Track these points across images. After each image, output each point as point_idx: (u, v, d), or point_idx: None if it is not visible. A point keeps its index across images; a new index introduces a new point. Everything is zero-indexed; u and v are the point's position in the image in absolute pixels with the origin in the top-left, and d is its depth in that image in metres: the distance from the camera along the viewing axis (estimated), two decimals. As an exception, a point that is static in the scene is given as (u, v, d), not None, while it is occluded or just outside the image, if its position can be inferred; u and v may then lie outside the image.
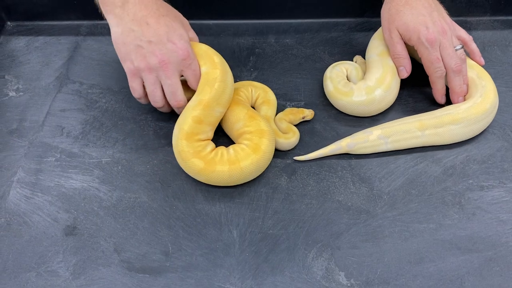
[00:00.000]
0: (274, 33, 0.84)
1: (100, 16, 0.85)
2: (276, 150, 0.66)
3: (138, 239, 0.59)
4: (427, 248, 0.57)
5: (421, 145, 0.66)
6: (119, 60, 0.79)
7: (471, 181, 0.64)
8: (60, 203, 0.62)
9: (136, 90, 0.64)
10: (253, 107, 0.70)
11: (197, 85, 0.63)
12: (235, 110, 0.65)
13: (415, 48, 0.67)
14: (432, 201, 0.62)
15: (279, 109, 0.71)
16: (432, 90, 0.70)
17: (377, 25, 0.85)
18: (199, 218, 0.60)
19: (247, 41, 0.83)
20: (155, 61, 0.60)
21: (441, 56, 0.66)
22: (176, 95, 0.62)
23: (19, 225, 0.60)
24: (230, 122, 0.65)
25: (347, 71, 0.74)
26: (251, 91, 0.70)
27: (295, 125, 0.69)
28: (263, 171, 0.64)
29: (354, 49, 0.81)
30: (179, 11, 0.67)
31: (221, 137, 0.68)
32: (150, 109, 0.72)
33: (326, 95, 0.72)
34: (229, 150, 0.62)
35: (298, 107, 0.71)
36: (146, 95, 0.65)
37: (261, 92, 0.70)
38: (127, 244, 0.58)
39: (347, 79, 0.73)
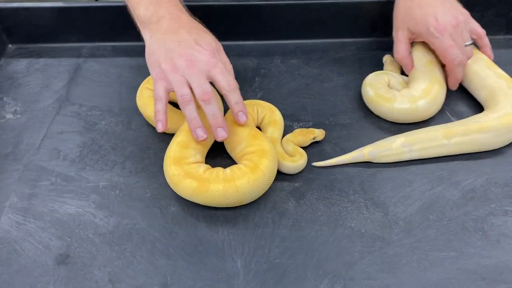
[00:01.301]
0: (280, 53, 0.82)
1: (102, 38, 0.85)
2: (284, 173, 0.62)
3: (134, 268, 0.54)
4: (448, 278, 0.53)
5: (447, 154, 0.64)
6: (121, 82, 0.78)
7: (493, 205, 0.59)
8: (53, 230, 0.58)
9: (158, 91, 0.61)
10: (258, 128, 0.67)
11: (227, 83, 0.60)
12: (238, 130, 0.61)
13: (427, 41, 0.68)
14: (452, 227, 0.57)
15: (286, 130, 0.68)
16: (449, 78, 0.70)
17: (387, 44, 0.83)
18: (201, 246, 0.56)
19: (252, 62, 0.80)
20: (181, 61, 0.59)
21: None
22: (203, 87, 0.59)
23: (9, 253, 0.56)
24: (233, 143, 0.62)
25: (389, 82, 0.72)
26: (257, 110, 0.67)
27: (305, 147, 0.65)
28: (269, 195, 0.60)
29: (365, 69, 0.78)
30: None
31: (225, 159, 0.65)
32: (152, 131, 0.69)
33: (365, 101, 0.71)
34: (226, 170, 0.59)
35: (306, 127, 0.68)
36: (166, 98, 0.61)
37: (267, 112, 0.67)
38: (122, 274, 0.54)
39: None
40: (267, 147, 0.59)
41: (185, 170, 0.58)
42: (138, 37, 0.83)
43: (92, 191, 0.62)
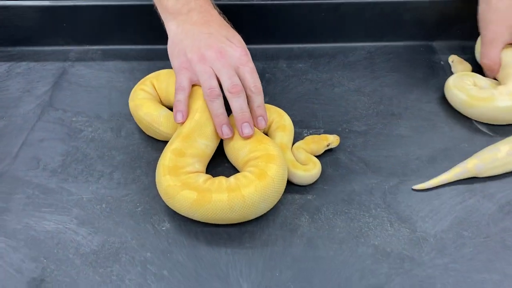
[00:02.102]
0: (285, 58, 0.76)
1: (91, 41, 0.78)
2: (295, 184, 0.55)
3: (122, 295, 0.46)
4: (492, 305, 0.45)
5: None
6: (111, 86, 0.71)
7: (534, 220, 0.52)
8: (27, 250, 0.50)
9: (181, 81, 0.56)
10: (266, 134, 0.60)
11: (254, 84, 0.56)
12: None
13: None
14: (490, 245, 0.50)
15: (296, 137, 0.60)
16: None
17: (398, 48, 0.78)
18: (200, 268, 0.48)
19: (256, 66, 0.73)
20: (211, 52, 0.56)
21: None
22: (233, 79, 0.55)
23: (-28, 278, 0.47)
24: (235, 149, 0.55)
25: (475, 83, 0.66)
26: (264, 114, 0.60)
27: (318, 156, 0.58)
28: (278, 209, 0.53)
29: (378, 74, 0.72)
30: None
31: (227, 168, 0.57)
32: (144, 138, 0.62)
33: (455, 106, 0.65)
34: (230, 179, 0.51)
35: (318, 135, 0.60)
36: (189, 90, 0.57)
37: (275, 117, 0.60)
38: (107, 302, 0.46)
39: None
40: (275, 151, 0.52)
41: (182, 181, 0.50)
42: (131, 39, 0.77)
43: (74, 205, 0.54)
